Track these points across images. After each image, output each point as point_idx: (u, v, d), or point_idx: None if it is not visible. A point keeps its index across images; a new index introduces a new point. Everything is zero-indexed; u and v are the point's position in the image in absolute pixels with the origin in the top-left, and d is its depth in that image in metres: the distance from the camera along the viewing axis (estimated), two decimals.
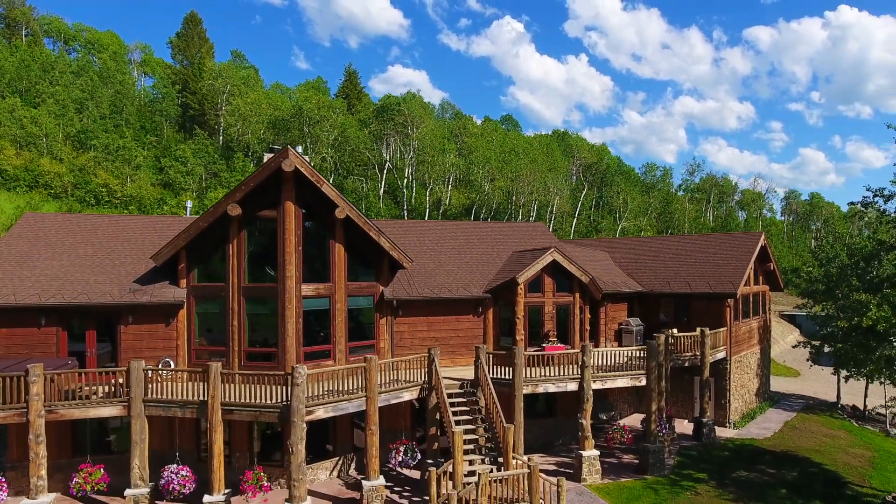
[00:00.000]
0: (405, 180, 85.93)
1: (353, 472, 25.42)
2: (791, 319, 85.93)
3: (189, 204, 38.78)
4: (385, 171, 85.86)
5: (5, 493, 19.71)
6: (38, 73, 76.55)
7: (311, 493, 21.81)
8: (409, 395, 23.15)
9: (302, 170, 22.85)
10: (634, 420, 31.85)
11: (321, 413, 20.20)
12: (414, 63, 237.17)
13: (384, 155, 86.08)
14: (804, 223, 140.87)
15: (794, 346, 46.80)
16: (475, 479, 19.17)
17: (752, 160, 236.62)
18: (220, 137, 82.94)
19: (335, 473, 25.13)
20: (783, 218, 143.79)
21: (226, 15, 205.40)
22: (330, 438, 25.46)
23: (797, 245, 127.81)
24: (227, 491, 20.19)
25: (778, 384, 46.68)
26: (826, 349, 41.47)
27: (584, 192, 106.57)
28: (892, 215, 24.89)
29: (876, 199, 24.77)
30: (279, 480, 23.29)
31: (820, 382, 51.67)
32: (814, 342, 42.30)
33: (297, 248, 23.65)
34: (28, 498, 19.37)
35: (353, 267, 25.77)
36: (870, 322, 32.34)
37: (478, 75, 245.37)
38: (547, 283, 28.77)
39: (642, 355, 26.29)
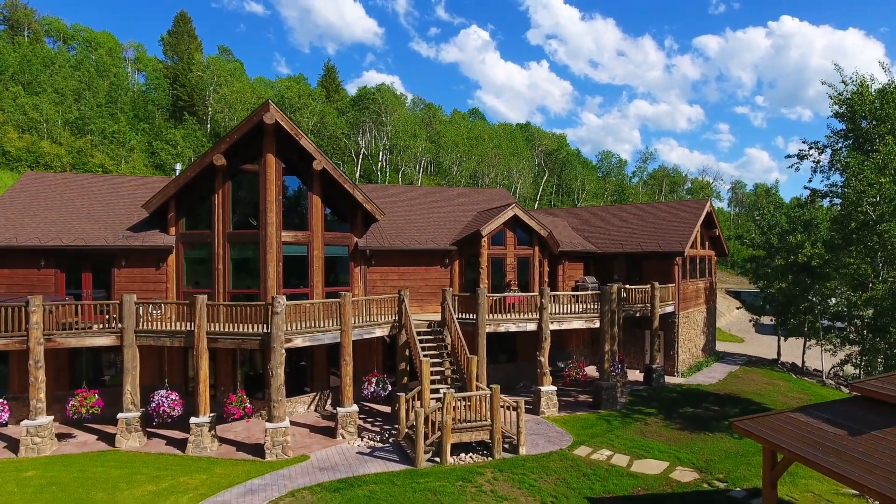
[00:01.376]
0: (379, 164, 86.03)
1: (328, 407, 25.82)
2: (736, 295, 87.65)
3: (178, 166, 38.69)
4: (360, 158, 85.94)
5: (7, 415, 19.84)
6: (39, 68, 76.17)
7: (291, 422, 22.19)
8: (380, 332, 23.46)
9: (282, 123, 23.11)
10: (590, 371, 32.39)
11: (299, 342, 20.50)
12: (387, 68, 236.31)
13: (360, 143, 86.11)
14: (749, 213, 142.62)
15: (738, 308, 47.84)
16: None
17: (701, 159, 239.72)
18: (209, 125, 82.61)
19: (312, 407, 25.50)
20: (730, 209, 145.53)
21: (212, 24, 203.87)
22: (308, 379, 25.84)
23: (742, 232, 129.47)
24: (212, 414, 20.49)
25: (723, 347, 47.73)
26: (765, 319, 42.45)
27: (544, 178, 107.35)
28: (826, 167, 25.64)
29: (811, 150, 25.53)
30: (260, 412, 23.61)
31: (762, 346, 53.07)
32: (756, 309, 43.39)
33: (278, 198, 23.90)
34: (28, 419, 19.60)
35: (330, 219, 26.17)
36: (804, 258, 33.08)
37: (447, 80, 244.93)
38: (508, 236, 29.26)
39: (597, 306, 26.82)
